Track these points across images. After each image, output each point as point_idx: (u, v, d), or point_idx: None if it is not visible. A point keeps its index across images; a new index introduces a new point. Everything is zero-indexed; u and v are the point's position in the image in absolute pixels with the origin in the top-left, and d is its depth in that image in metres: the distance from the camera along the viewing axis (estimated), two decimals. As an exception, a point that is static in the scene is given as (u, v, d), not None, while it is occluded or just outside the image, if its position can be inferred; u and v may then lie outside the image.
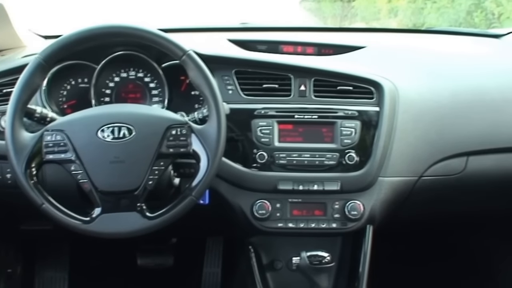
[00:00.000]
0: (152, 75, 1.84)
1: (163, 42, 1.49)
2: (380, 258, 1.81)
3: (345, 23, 7.61)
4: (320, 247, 1.74)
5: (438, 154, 1.79)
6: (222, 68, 1.76)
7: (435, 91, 1.84)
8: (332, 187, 1.70)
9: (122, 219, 1.46)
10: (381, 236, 1.80)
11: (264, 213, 1.71)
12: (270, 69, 1.78)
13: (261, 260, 1.86)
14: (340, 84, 1.76)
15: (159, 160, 1.46)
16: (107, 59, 1.78)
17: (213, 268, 2.55)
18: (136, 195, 1.45)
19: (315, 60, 1.87)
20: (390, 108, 1.73)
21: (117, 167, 1.44)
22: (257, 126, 1.71)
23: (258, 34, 2.28)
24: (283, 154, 1.71)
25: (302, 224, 1.72)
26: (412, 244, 2.51)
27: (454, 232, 2.43)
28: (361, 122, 1.72)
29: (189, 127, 1.48)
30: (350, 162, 1.70)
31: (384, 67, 1.86)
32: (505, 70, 1.99)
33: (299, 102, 1.75)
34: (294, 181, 1.71)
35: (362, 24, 7.71)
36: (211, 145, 1.47)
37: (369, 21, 7.71)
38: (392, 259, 2.40)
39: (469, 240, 2.51)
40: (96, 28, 1.47)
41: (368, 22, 7.67)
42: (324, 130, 1.72)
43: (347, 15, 8.03)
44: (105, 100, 1.83)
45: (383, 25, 7.34)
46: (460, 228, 2.36)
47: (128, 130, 1.45)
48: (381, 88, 1.75)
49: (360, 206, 1.71)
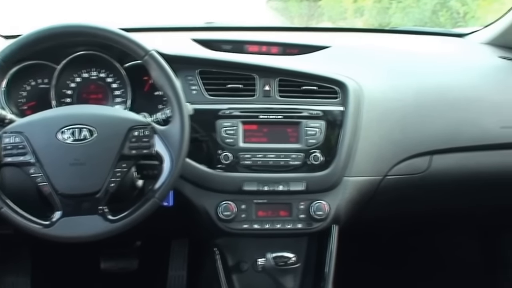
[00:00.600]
0: (115, 75, 1.82)
1: (124, 41, 1.48)
2: (346, 258, 1.82)
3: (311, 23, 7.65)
4: (286, 248, 1.74)
5: (402, 153, 1.81)
6: (186, 68, 1.75)
7: (399, 90, 1.86)
8: (297, 187, 1.71)
9: (83, 223, 1.44)
10: (347, 236, 1.81)
11: (229, 215, 1.71)
12: (234, 69, 1.78)
13: (227, 262, 1.86)
14: (304, 84, 1.76)
15: (121, 162, 1.45)
16: (68, 59, 1.76)
17: (178, 271, 2.53)
18: (98, 198, 1.43)
19: (280, 60, 1.87)
20: (355, 107, 1.74)
21: (77, 170, 1.43)
22: (222, 126, 1.71)
23: (223, 34, 2.27)
24: (248, 155, 1.71)
25: (267, 225, 1.73)
26: (378, 243, 2.53)
27: (420, 231, 2.46)
28: (326, 122, 1.72)
29: (152, 128, 1.47)
30: (315, 162, 1.70)
31: (348, 67, 1.87)
32: (468, 69, 2.02)
33: (264, 102, 1.75)
34: (259, 181, 1.71)
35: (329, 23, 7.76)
36: (175, 146, 1.46)
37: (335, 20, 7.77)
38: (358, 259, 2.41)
39: (434, 238, 2.55)
40: (55, 28, 1.45)
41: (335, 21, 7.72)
42: (289, 130, 1.72)
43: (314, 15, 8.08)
44: (66, 101, 1.81)
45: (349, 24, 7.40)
46: (426, 226, 2.39)
47: (89, 131, 1.44)
48: (346, 87, 1.76)
49: (325, 206, 1.72)
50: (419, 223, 2.30)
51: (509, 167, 1.93)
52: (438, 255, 2.57)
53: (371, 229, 2.27)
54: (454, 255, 2.57)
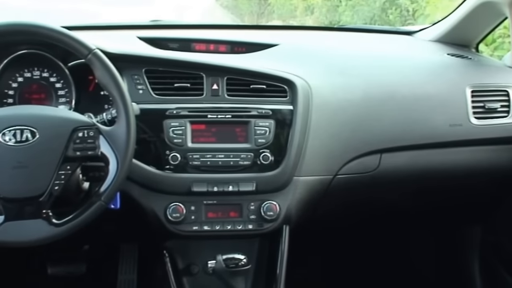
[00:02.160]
0: (58, 75, 1.78)
1: (66, 40, 1.46)
2: (298, 259, 1.83)
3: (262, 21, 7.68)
4: (237, 249, 1.74)
5: (352, 152, 1.83)
6: (132, 67, 1.73)
7: (347, 89, 1.88)
8: (247, 187, 1.71)
9: (26, 227, 1.41)
10: (299, 236, 1.82)
11: (178, 216, 1.69)
12: (181, 68, 1.77)
13: (177, 264, 1.85)
14: (253, 83, 1.77)
15: (66, 164, 1.42)
16: (9, 58, 1.72)
17: (128, 275, 2.51)
18: (41, 201, 1.41)
19: (227, 59, 1.88)
20: (304, 106, 1.75)
21: (20, 173, 1.39)
22: (169, 126, 1.69)
23: (170, 32, 2.26)
24: (197, 155, 1.70)
25: (217, 226, 1.72)
26: (330, 243, 2.56)
27: (372, 229, 2.49)
28: (275, 121, 1.73)
29: (96, 129, 1.45)
30: (265, 162, 1.71)
31: (297, 65, 1.88)
32: (417, 66, 2.05)
33: (212, 102, 1.74)
34: (209, 182, 1.70)
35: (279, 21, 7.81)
36: (120, 147, 1.45)
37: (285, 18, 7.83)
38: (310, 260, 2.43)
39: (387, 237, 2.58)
40: None
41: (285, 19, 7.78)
42: (238, 130, 1.72)
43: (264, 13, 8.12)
44: (7, 102, 1.76)
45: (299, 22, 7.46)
46: (378, 225, 2.42)
47: (31, 133, 1.41)
48: (294, 86, 1.76)
49: (275, 207, 1.72)
50: (370, 222, 2.33)
51: (459, 165, 1.97)
52: (390, 254, 2.61)
53: (323, 228, 2.29)
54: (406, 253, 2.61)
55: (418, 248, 2.64)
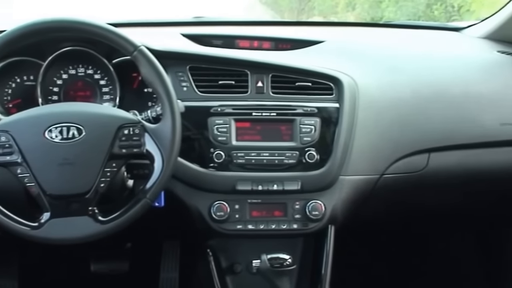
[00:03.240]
0: (102, 72, 1.80)
1: (112, 37, 1.46)
2: (343, 259, 1.81)
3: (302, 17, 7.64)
4: (281, 249, 1.74)
5: (399, 151, 1.80)
6: (176, 64, 1.74)
7: (395, 87, 1.85)
8: (292, 186, 1.70)
9: (72, 224, 1.43)
10: (344, 236, 1.80)
11: (222, 215, 1.70)
12: (226, 65, 1.77)
13: (220, 263, 1.85)
14: (298, 80, 1.75)
15: (111, 162, 1.44)
16: (54, 55, 1.74)
17: (170, 273, 2.52)
18: (87, 198, 1.42)
19: (272, 56, 1.86)
20: (350, 104, 1.74)
21: (66, 170, 1.41)
22: (214, 124, 1.69)
23: (212, 29, 2.26)
24: (241, 153, 1.69)
25: (262, 225, 1.72)
26: (375, 243, 2.53)
27: (418, 230, 2.46)
28: (321, 119, 1.71)
29: (142, 126, 1.46)
30: (310, 161, 1.69)
31: (343, 62, 1.86)
32: (466, 64, 2.01)
33: (257, 99, 1.74)
34: (253, 181, 1.70)
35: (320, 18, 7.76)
36: (166, 145, 1.45)
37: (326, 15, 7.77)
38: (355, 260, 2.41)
39: (432, 237, 2.54)
40: (41, 23, 1.43)
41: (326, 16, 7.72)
42: (283, 128, 1.71)
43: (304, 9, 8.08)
44: (52, 99, 1.79)
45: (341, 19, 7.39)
46: (424, 225, 2.39)
47: (78, 130, 1.42)
48: (341, 83, 1.75)
49: (321, 206, 1.71)
50: (417, 222, 2.30)
51: (510, 165, 1.92)
52: (435, 254, 2.57)
53: (368, 228, 2.26)
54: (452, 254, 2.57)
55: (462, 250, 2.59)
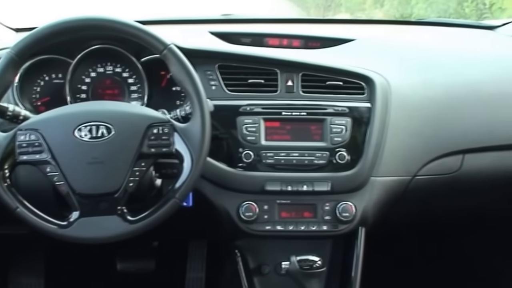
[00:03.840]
0: (131, 70, 1.81)
1: (142, 35, 1.46)
2: (372, 262, 1.80)
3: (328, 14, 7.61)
4: (310, 250, 1.73)
5: (432, 152, 1.78)
6: (205, 62, 1.73)
7: (428, 86, 1.83)
8: (322, 187, 1.68)
9: (101, 224, 1.43)
10: (374, 238, 1.79)
11: (251, 215, 1.69)
12: (255, 64, 1.76)
13: (248, 264, 1.84)
14: (329, 79, 1.74)
15: (140, 161, 1.44)
16: (83, 53, 1.75)
17: (196, 273, 2.53)
18: (116, 197, 1.42)
19: (302, 54, 1.85)
20: (382, 104, 1.72)
21: (95, 168, 1.41)
22: (243, 123, 1.69)
23: (241, 26, 2.26)
24: (271, 153, 1.69)
25: (291, 226, 1.71)
26: (405, 246, 2.51)
27: (449, 233, 2.43)
28: (352, 119, 1.70)
29: (171, 126, 1.45)
30: (340, 161, 1.68)
31: (375, 61, 1.84)
32: (502, 63, 1.98)
33: (286, 98, 1.73)
34: (282, 181, 1.69)
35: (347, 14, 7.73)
36: (195, 144, 1.45)
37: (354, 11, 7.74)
38: (385, 262, 2.39)
39: (464, 241, 2.51)
40: (71, 21, 1.44)
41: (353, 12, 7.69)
42: (313, 128, 1.70)
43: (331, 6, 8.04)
44: (81, 97, 1.80)
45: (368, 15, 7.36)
46: (455, 229, 2.36)
47: (107, 129, 1.42)
48: (373, 83, 1.73)
49: (351, 208, 1.69)
50: (449, 225, 2.27)
51: None
52: (467, 260, 2.54)
53: (399, 231, 2.24)
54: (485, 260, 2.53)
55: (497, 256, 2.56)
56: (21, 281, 2.52)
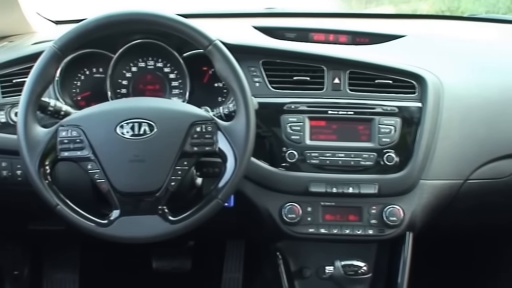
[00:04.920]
0: (172, 65, 1.81)
1: (187, 30, 1.45)
2: (419, 268, 1.77)
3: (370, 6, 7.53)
4: (353, 255, 1.71)
5: (485, 155, 1.74)
6: (249, 58, 1.72)
7: (483, 86, 1.79)
8: (369, 190, 1.66)
9: (142, 223, 1.43)
10: (421, 243, 1.76)
11: (294, 217, 1.68)
12: (301, 60, 1.74)
13: (289, 267, 1.83)
14: (378, 77, 1.72)
15: (183, 160, 1.43)
16: (125, 47, 1.76)
17: (233, 274, 2.53)
18: (158, 197, 1.42)
19: (349, 50, 1.83)
20: (434, 104, 1.69)
21: (137, 167, 1.41)
22: (287, 122, 1.68)
23: (285, 21, 2.25)
24: (315, 153, 1.67)
25: (335, 230, 1.69)
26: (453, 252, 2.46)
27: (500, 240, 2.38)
28: (402, 119, 1.67)
29: (215, 124, 1.45)
30: (388, 163, 1.66)
31: (426, 59, 1.81)
32: None
33: (333, 97, 1.71)
34: (327, 182, 1.67)
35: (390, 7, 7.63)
36: (239, 143, 1.44)
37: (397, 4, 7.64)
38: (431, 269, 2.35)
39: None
40: (115, 15, 1.43)
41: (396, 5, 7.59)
42: (361, 128, 1.68)
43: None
44: (121, 92, 1.81)
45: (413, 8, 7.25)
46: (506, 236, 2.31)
47: (149, 126, 1.42)
48: (424, 82, 1.70)
49: (399, 212, 1.67)
50: (499, 232, 2.22)
51: None
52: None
53: (447, 237, 2.20)
54: None
55: None
56: (55, 276, 2.55)
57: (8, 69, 1.75)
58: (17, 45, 1.95)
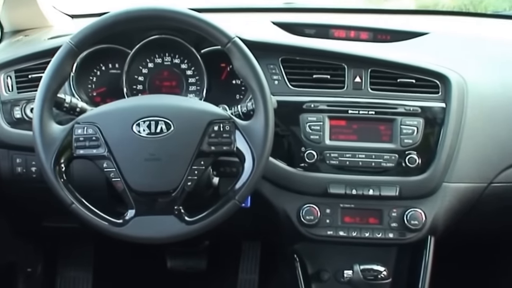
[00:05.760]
0: (189, 61, 1.80)
1: (205, 27, 1.44)
2: (440, 273, 1.75)
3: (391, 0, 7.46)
4: (373, 258, 1.71)
5: (510, 158, 1.72)
6: (268, 55, 1.72)
7: (508, 85, 1.77)
8: (390, 192, 1.65)
9: (158, 223, 1.43)
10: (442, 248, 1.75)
11: (312, 219, 1.67)
12: (321, 58, 1.73)
13: (306, 269, 1.83)
14: (400, 76, 1.70)
15: (200, 159, 1.43)
16: (142, 43, 1.75)
17: (249, 275, 2.52)
18: (174, 197, 1.42)
19: (371, 48, 1.82)
20: (458, 104, 1.67)
21: (152, 166, 1.41)
22: (306, 121, 1.67)
23: (304, 16, 2.23)
24: (335, 154, 1.66)
25: (354, 232, 1.68)
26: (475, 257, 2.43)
27: None
28: (424, 120, 1.66)
29: (233, 123, 1.44)
30: (410, 165, 1.64)
31: (450, 57, 1.80)
32: None
33: (354, 96, 1.70)
34: (347, 184, 1.66)
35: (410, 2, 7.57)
36: (257, 143, 1.43)
37: (418, 0, 7.56)
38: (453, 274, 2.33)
39: None
40: (133, 11, 1.43)
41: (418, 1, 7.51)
42: (382, 128, 1.67)
43: (394, -8, 7.88)
44: (137, 88, 1.81)
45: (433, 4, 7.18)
46: None
47: (166, 124, 1.42)
48: (448, 81, 1.68)
49: (421, 215, 1.66)
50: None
51: None
52: None
53: (469, 241, 2.18)
54: None
55: None
56: (69, 274, 2.56)
57: (24, 64, 1.76)
58: (33, 39, 1.96)
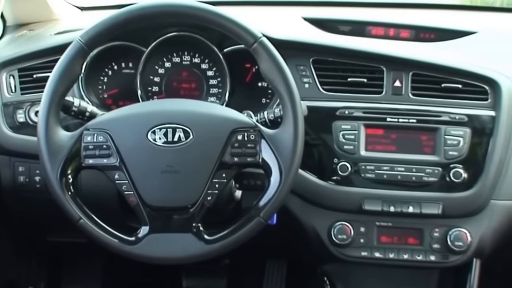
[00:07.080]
0: (211, 61, 1.81)
1: (230, 25, 1.43)
2: None
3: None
4: (412, 283, 1.71)
5: None
6: (298, 55, 1.72)
7: None
8: (432, 210, 1.64)
9: (174, 242, 1.43)
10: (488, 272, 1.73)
11: (345, 239, 1.67)
12: (357, 59, 1.73)
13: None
14: (445, 81, 1.69)
15: (221, 171, 1.42)
16: (158, 41, 1.76)
17: None
18: (192, 213, 1.42)
19: (413, 48, 1.82)
20: (509, 112, 1.66)
21: (169, 178, 1.41)
22: (339, 129, 1.67)
23: (338, 11, 2.22)
24: (371, 166, 1.66)
25: (391, 254, 1.67)
26: None
27: None
28: (472, 130, 1.65)
29: (258, 132, 1.43)
30: (455, 180, 1.63)
31: (501, 60, 1.79)
32: None
33: (393, 102, 1.69)
34: (384, 200, 1.66)
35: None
36: (285, 155, 1.42)
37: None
38: None
39: None
40: (149, 7, 1.42)
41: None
42: (424, 138, 1.66)
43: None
44: (153, 90, 1.81)
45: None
46: None
47: (185, 133, 1.42)
48: (499, 87, 1.67)
49: (466, 235, 1.65)
50: None
51: None
52: None
53: None
54: None
55: None
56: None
57: (28, 62, 1.77)
58: (38, 34, 1.97)
